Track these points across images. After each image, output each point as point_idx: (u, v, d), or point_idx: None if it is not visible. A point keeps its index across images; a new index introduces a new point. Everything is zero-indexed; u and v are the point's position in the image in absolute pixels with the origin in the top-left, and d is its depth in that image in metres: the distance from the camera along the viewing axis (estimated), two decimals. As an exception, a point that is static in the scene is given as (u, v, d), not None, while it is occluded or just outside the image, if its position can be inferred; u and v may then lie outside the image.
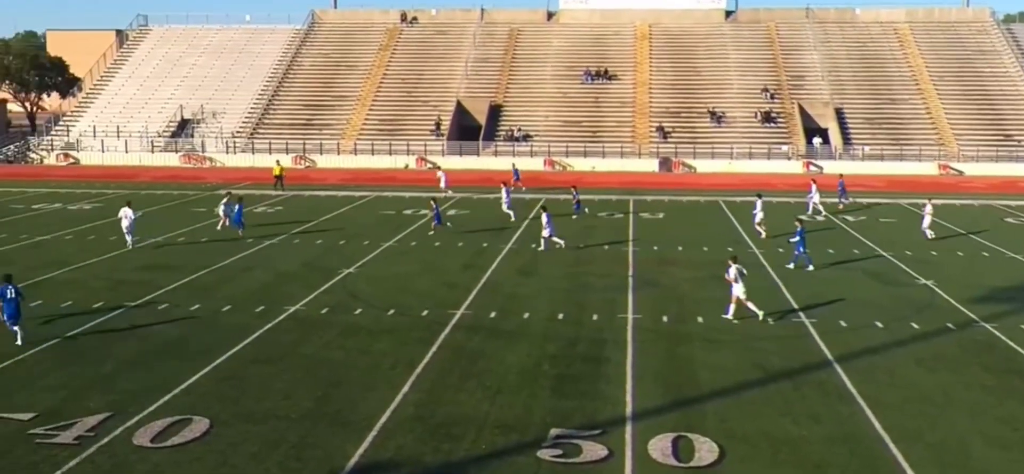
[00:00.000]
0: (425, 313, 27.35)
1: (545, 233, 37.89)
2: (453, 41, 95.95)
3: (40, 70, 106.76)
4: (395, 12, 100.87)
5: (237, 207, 41.79)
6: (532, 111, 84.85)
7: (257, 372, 22.01)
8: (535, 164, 76.30)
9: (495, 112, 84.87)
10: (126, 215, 38.30)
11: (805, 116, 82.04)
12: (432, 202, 44.86)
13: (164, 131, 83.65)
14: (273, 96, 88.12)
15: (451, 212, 49.79)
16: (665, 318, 27.06)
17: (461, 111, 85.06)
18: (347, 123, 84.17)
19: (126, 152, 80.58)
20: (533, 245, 38.89)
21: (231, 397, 20.18)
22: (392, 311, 27.86)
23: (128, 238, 38.03)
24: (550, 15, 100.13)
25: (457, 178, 67.81)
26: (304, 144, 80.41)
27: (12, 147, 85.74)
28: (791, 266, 34.67)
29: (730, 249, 35.82)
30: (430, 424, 18.66)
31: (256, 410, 19.42)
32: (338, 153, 79.66)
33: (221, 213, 42.66)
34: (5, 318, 24.26)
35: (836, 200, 51.32)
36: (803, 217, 41.95)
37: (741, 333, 25.37)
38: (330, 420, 18.88)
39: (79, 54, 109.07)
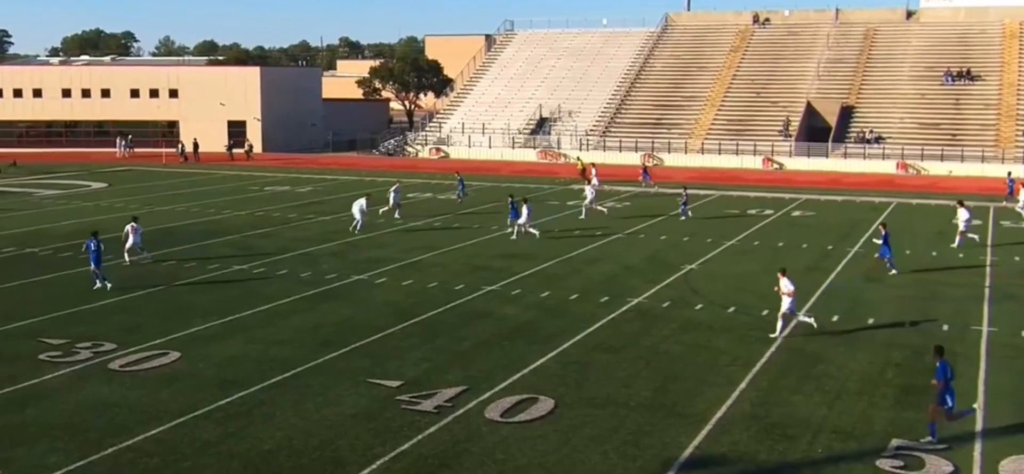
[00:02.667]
0: (765, 313, 26.75)
1: (521, 221, 39.34)
2: (805, 42, 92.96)
3: (418, 72, 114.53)
4: (747, 14, 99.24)
5: (520, 205, 40.69)
6: (886, 113, 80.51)
7: (600, 359, 22.50)
8: (887, 167, 72.37)
9: (846, 113, 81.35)
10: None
11: None
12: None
13: (524, 128, 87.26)
14: (625, 96, 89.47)
15: (796, 214, 48.35)
16: (1025, 334, 24.83)
17: (810, 112, 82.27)
18: (695, 123, 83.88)
19: (489, 147, 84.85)
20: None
21: (575, 381, 20.77)
22: (732, 309, 27.50)
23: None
24: (909, 14, 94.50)
25: (804, 180, 65.70)
26: (652, 142, 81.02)
27: (392, 141, 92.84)
28: (893, 272, 32.02)
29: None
30: (765, 423, 18.26)
31: (597, 395, 19.86)
32: (685, 152, 79.57)
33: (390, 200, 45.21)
34: (92, 265, 29.57)
35: None
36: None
37: (1114, 355, 22.77)
38: (667, 411, 18.96)
39: (453, 57, 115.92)
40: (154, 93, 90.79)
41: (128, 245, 33.84)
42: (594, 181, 51.62)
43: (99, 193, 56.06)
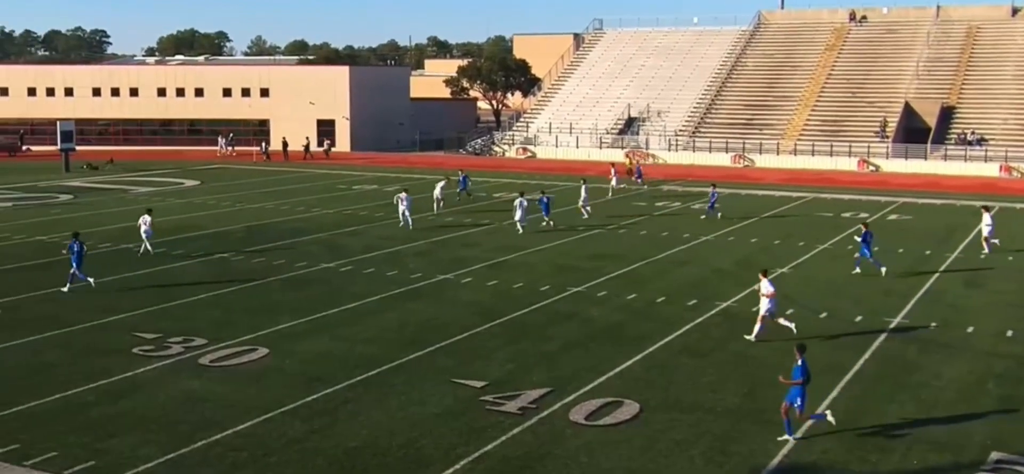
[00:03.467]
0: (858, 319, 26.22)
1: (517, 216, 41.12)
2: (904, 40, 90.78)
3: (506, 71, 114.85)
4: (843, 11, 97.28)
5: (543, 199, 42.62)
6: (989, 113, 78.18)
7: (686, 363, 22.32)
8: (989, 170, 70.28)
9: (946, 114, 79.21)
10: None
11: None
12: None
13: (612, 128, 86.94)
14: (716, 96, 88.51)
15: (892, 217, 47.29)
16: None
17: (909, 113, 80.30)
18: (788, 123, 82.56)
19: (577, 147, 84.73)
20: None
21: (660, 385, 20.64)
22: (824, 314, 27.01)
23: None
24: (1015, 11, 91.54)
25: (901, 182, 64.23)
26: (743, 144, 79.98)
27: (479, 141, 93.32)
28: (857, 270, 31.92)
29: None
30: (858, 433, 17.89)
31: (683, 399, 19.70)
32: (777, 153, 78.37)
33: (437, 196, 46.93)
34: (74, 267, 29.70)
35: None
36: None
37: None
38: (755, 418, 18.71)
39: (540, 56, 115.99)
40: (246, 92, 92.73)
41: (145, 235, 36.07)
42: (613, 181, 53.74)
43: (191, 191, 57.47)
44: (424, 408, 19.16)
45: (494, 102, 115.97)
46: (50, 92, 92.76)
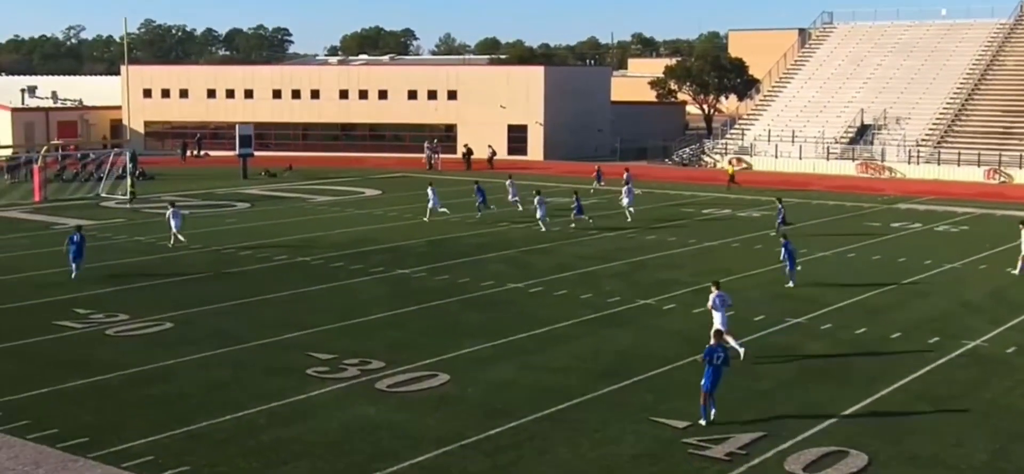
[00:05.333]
0: None
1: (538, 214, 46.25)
2: None
3: (720, 71, 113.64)
4: None
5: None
6: None
7: (925, 411, 21.49)
8: None
9: None
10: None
11: None
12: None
13: (841, 137, 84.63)
14: (966, 100, 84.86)
15: None
16: None
17: None
18: (1055, 133, 78.30)
19: (799, 158, 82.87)
20: None
21: (893, 435, 19.90)
22: (1097, 360, 25.44)
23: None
24: None
25: None
26: (1000, 156, 76.26)
27: (688, 150, 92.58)
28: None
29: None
30: None
31: (921, 453, 18.94)
32: (1041, 168, 74.41)
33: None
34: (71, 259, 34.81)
35: None
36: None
37: None
38: (1008, 478, 17.80)
39: (759, 54, 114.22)
40: (432, 94, 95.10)
41: (175, 228, 41.56)
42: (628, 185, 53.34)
43: (372, 201, 59.41)
44: (618, 448, 19.12)
45: (705, 106, 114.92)
46: (230, 94, 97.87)
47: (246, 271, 37.26)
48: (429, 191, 51.04)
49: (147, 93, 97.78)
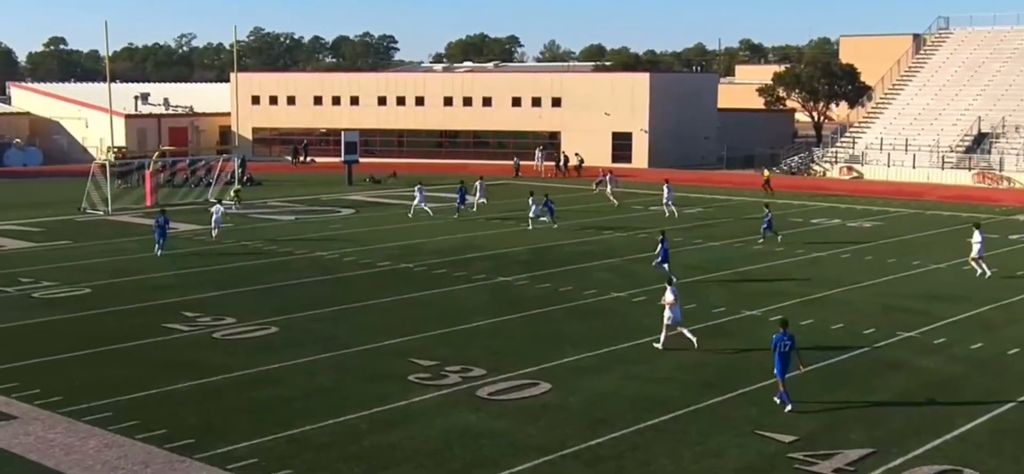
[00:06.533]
0: None
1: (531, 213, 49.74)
2: None
3: (830, 78, 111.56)
4: None
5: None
6: None
7: (1044, 430, 20.82)
8: None
9: None
10: None
11: None
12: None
13: (957, 145, 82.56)
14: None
15: None
16: None
17: None
18: None
19: (912, 168, 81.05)
20: None
21: (1012, 454, 19.35)
22: None
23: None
24: None
25: None
26: None
27: (796, 158, 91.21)
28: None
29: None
30: None
31: (1039, 474, 18.37)
32: None
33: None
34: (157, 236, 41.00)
35: None
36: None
37: None
38: None
39: (871, 61, 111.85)
40: (536, 101, 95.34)
41: (215, 221, 45.74)
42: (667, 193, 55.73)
43: (475, 207, 59.66)
44: (721, 461, 18.92)
45: (815, 114, 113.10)
46: (336, 101, 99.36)
47: (350, 276, 37.77)
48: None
49: (255, 100, 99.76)
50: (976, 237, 38.29)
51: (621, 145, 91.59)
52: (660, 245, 37.21)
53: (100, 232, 48.92)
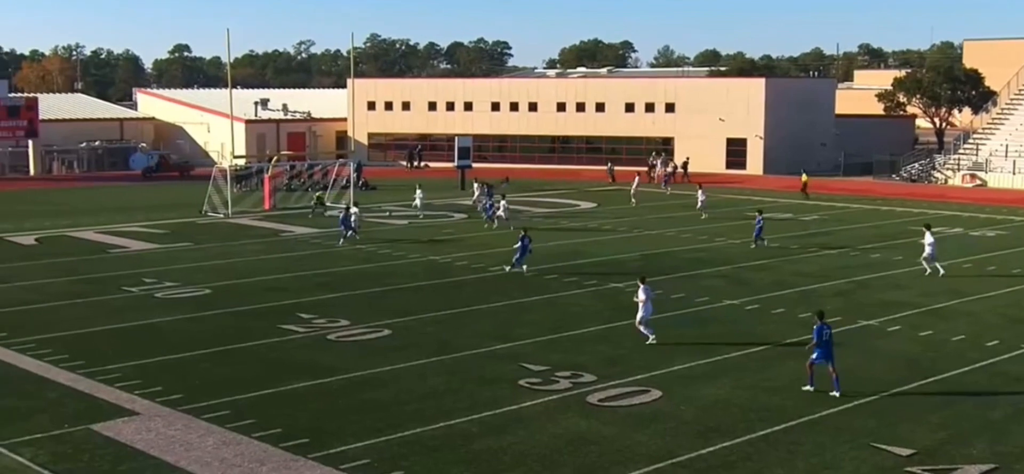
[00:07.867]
0: None
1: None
2: None
3: (953, 83, 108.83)
4: None
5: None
6: None
7: None
8: None
9: None
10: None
11: None
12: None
13: (1087, 153, 79.77)
14: None
15: None
16: None
17: None
18: None
19: (1039, 175, 78.56)
20: None
21: None
22: None
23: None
24: None
25: None
26: None
27: (916, 165, 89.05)
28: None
29: None
30: None
31: None
32: None
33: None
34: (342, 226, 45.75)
35: None
36: None
37: None
38: None
39: (998, 65, 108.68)
40: (649, 107, 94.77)
41: (355, 223, 47.52)
42: (701, 195, 57.26)
43: (586, 214, 59.66)
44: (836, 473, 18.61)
45: (937, 120, 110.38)
46: (450, 106, 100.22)
47: (461, 281, 38.08)
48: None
49: (371, 105, 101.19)
50: (928, 238, 39.54)
51: (735, 151, 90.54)
52: (520, 240, 38.99)
53: (220, 234, 50.16)
